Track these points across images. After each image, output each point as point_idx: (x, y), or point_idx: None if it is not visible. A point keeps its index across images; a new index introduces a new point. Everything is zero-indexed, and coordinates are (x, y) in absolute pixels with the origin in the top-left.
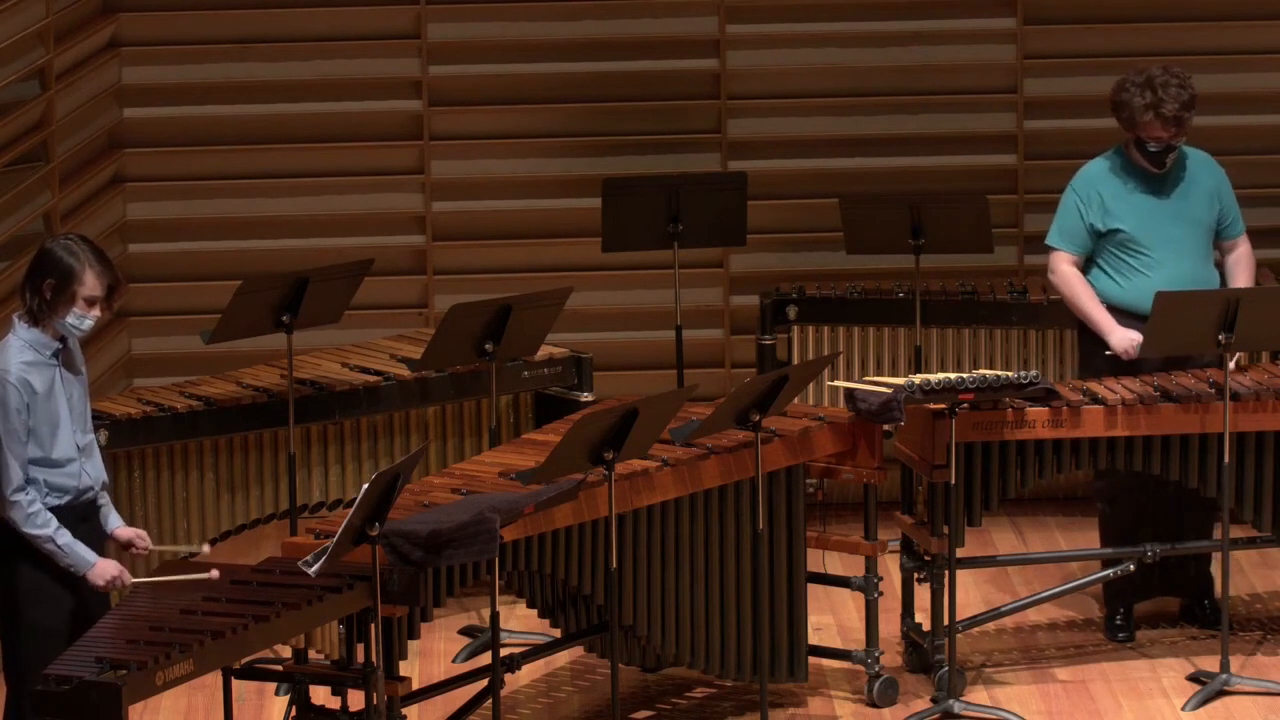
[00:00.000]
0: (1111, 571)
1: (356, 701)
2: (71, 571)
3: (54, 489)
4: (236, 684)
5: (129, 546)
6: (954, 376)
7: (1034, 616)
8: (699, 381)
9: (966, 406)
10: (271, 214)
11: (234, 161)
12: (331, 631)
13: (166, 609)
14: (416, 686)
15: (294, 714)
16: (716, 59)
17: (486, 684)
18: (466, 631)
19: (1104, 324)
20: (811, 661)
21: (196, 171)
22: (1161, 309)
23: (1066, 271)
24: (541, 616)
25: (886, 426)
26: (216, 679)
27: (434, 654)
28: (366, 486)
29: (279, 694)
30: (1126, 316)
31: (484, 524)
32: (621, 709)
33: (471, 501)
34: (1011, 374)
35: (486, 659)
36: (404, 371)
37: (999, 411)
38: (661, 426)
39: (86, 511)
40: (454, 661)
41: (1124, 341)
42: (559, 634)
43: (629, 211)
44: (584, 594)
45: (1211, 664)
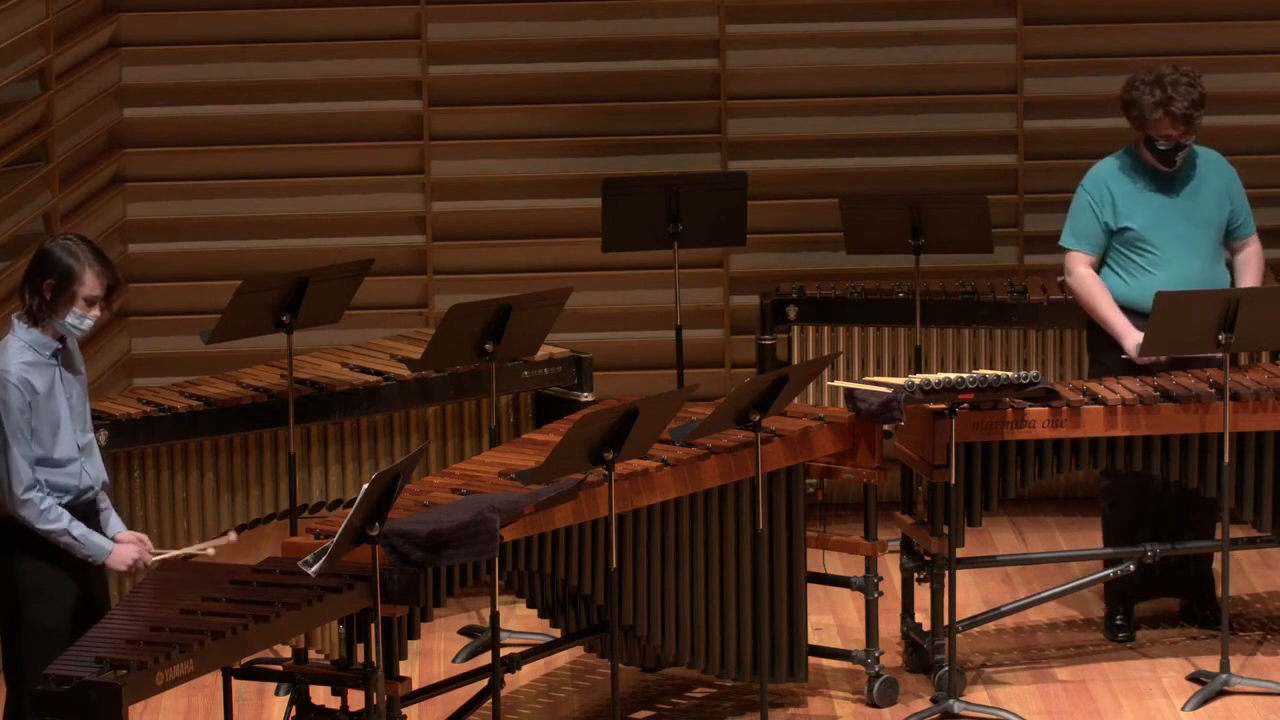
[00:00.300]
0: (1112, 571)
1: (356, 701)
2: (90, 562)
3: (55, 488)
4: (236, 684)
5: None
6: (954, 376)
7: (1034, 616)
8: (699, 381)
9: (966, 406)
10: (271, 214)
11: (234, 161)
12: (331, 631)
13: (167, 609)
14: (416, 686)
15: (294, 714)
16: (716, 59)
17: (486, 684)
18: (466, 631)
19: (1120, 327)
20: (811, 661)
21: (196, 171)
22: (1161, 309)
23: (1084, 274)
24: (541, 616)
25: (886, 426)
26: (216, 679)
27: (434, 654)
28: (366, 486)
29: (279, 694)
30: (1134, 315)
31: (484, 524)
32: (621, 709)
33: (471, 501)
34: (1011, 374)
35: (486, 659)
36: (404, 371)
37: (999, 411)
38: (661, 426)
39: (86, 512)
40: (454, 661)
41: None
42: (559, 634)
43: (629, 211)
44: (584, 594)
45: (1211, 664)
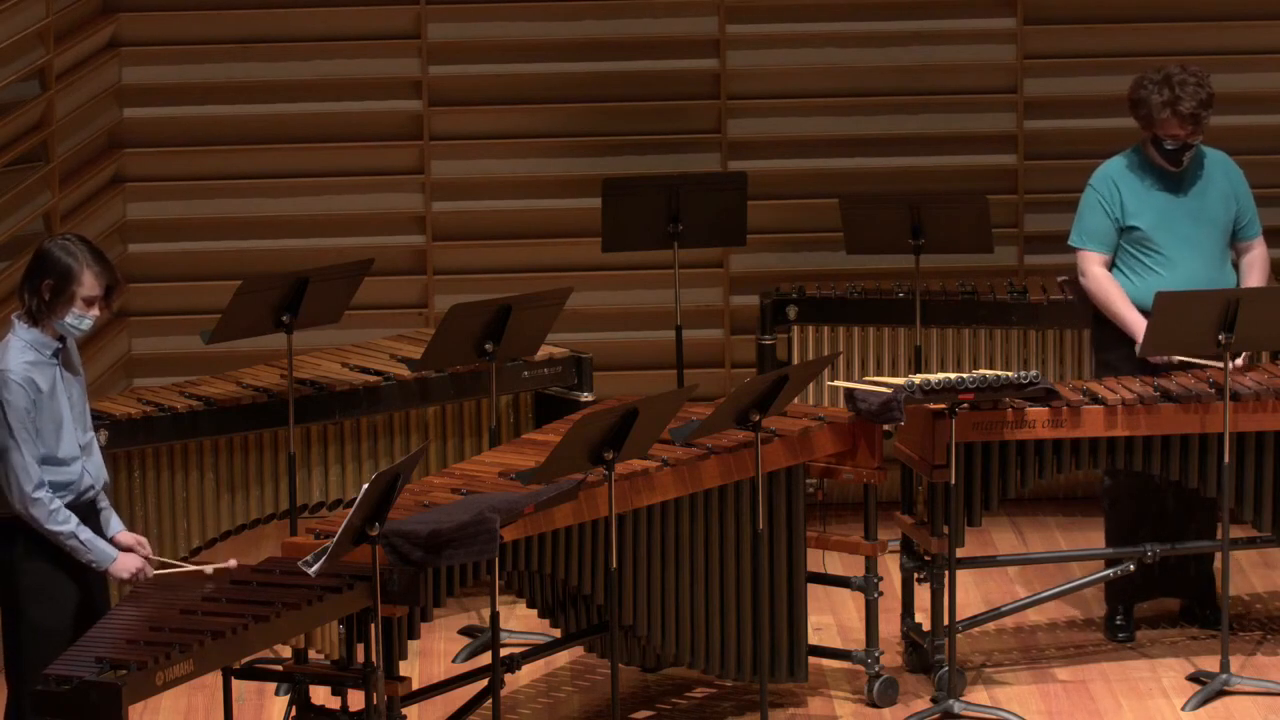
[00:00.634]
0: (1112, 571)
1: (356, 701)
2: (94, 567)
3: (58, 487)
4: (236, 684)
5: (129, 552)
6: (954, 376)
7: (1034, 616)
8: (699, 381)
9: (966, 406)
10: (271, 214)
11: (234, 161)
12: (331, 631)
13: (167, 609)
14: (416, 686)
15: (294, 714)
16: (716, 59)
17: (486, 684)
18: (466, 631)
19: (1135, 327)
20: (811, 661)
21: (196, 171)
22: (1162, 309)
23: (1098, 274)
24: (541, 616)
25: (886, 426)
26: (216, 679)
27: (434, 654)
28: (366, 486)
29: (279, 694)
30: (1140, 314)
31: (484, 524)
32: (621, 709)
33: (471, 501)
34: (1011, 374)
35: (486, 659)
36: (404, 371)
37: (999, 411)
38: (661, 426)
39: (87, 511)
40: (454, 661)
41: None
42: (559, 634)
43: (629, 211)
44: (584, 594)
45: (1211, 664)
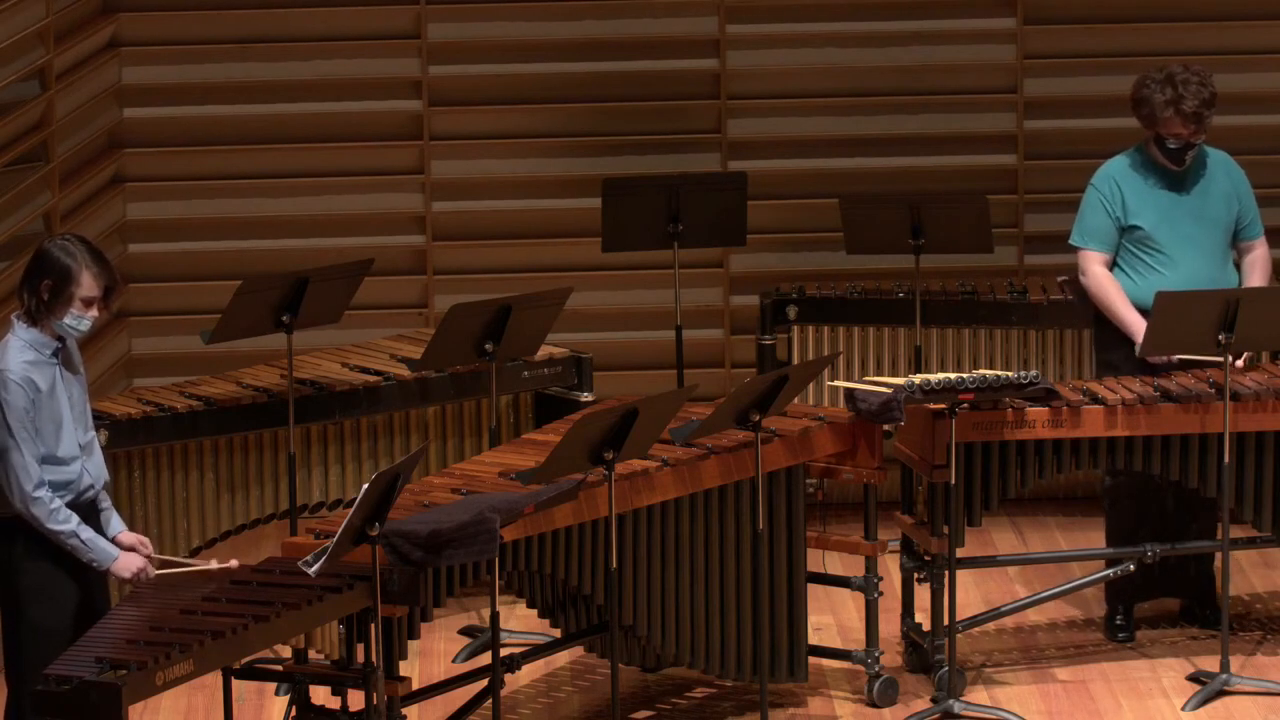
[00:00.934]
0: (1112, 571)
1: (356, 701)
2: (95, 566)
3: (58, 487)
4: (236, 684)
5: (131, 552)
6: (954, 376)
7: (1034, 616)
8: (699, 381)
9: (966, 406)
10: (271, 214)
11: (234, 161)
12: (331, 631)
13: (167, 609)
14: (416, 686)
15: (294, 714)
16: (716, 59)
17: (486, 684)
18: (466, 631)
19: (1135, 327)
20: (811, 661)
21: (196, 171)
22: (1161, 309)
23: (1098, 273)
24: (541, 616)
25: (886, 426)
26: (216, 679)
27: (434, 654)
28: (366, 486)
29: (279, 694)
30: (1142, 315)
31: (484, 524)
32: (621, 709)
33: (471, 501)
34: (1011, 374)
35: (486, 659)
36: (404, 371)
37: (999, 411)
38: (661, 426)
39: (87, 511)
40: (454, 661)
41: None
42: (559, 634)
43: (629, 211)
44: (584, 594)
45: (1211, 664)
